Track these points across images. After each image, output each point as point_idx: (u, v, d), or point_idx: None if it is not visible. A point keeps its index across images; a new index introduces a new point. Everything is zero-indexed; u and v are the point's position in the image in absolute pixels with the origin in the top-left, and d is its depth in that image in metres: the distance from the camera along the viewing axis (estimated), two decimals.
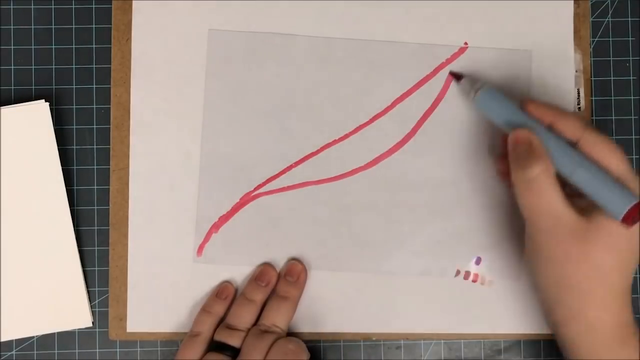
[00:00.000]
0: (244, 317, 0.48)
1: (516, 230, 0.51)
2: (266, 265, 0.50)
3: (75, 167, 0.52)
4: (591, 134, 0.42)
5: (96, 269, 0.51)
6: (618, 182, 0.41)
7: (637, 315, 0.52)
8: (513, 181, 0.43)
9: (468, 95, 0.49)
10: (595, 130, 0.43)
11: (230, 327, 0.48)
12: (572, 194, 0.43)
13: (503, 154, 0.46)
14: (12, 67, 0.52)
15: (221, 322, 0.49)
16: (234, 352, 0.47)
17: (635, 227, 0.41)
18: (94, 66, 0.52)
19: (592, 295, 0.42)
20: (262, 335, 0.47)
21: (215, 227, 0.51)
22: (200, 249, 0.51)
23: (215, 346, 0.48)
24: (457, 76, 0.50)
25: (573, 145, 0.43)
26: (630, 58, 0.53)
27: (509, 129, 0.45)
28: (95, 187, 0.52)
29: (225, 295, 0.50)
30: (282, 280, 0.50)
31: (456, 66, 0.51)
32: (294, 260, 0.50)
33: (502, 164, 0.47)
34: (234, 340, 0.47)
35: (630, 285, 0.43)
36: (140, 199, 0.51)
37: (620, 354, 0.42)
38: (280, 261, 0.51)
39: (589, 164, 0.42)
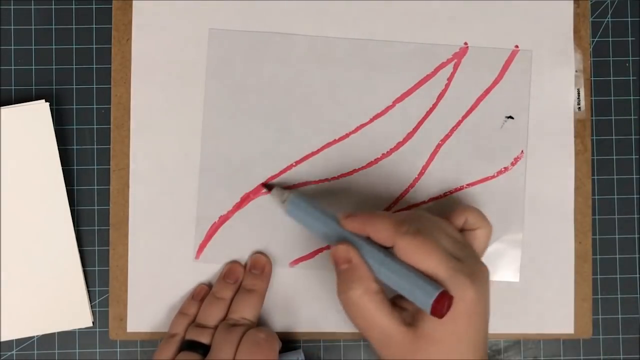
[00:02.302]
0: (213, 314, 0.48)
1: (515, 231, 0.51)
2: (234, 263, 0.51)
3: (75, 167, 0.52)
4: (403, 238, 0.41)
5: (96, 269, 0.51)
6: (422, 276, 0.41)
7: (637, 315, 0.52)
8: (338, 297, 0.43)
9: (280, 206, 0.49)
10: (407, 233, 0.42)
11: (200, 326, 0.48)
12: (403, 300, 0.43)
13: None
14: (12, 67, 0.52)
15: None
16: (206, 349, 0.47)
17: (458, 325, 0.41)
18: (94, 66, 0.52)
19: None
20: (231, 328, 0.47)
21: (215, 226, 0.51)
22: (200, 248, 0.51)
23: (187, 345, 0.48)
24: (268, 187, 0.50)
25: (389, 249, 0.43)
26: (630, 58, 0.53)
27: (321, 238, 0.46)
28: (95, 187, 0.52)
29: (201, 297, 0.50)
30: (247, 274, 0.50)
31: (459, 67, 0.51)
32: (258, 253, 0.51)
33: None
34: (204, 338, 0.47)
35: None
36: (140, 199, 0.51)
37: None
38: (280, 261, 0.51)
39: (391, 261, 0.42)
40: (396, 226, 0.42)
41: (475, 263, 0.43)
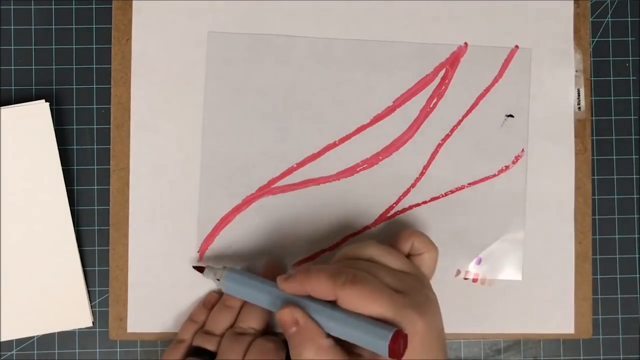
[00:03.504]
0: (221, 322, 0.48)
1: (516, 230, 0.51)
2: None
3: (75, 167, 0.52)
4: (342, 290, 0.41)
5: (96, 269, 0.51)
6: (372, 321, 0.40)
7: (637, 315, 0.52)
8: None
9: (215, 284, 0.48)
10: (345, 283, 0.41)
11: (208, 332, 0.48)
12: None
13: None
14: (12, 67, 0.52)
15: None
16: (212, 356, 0.47)
17: (417, 358, 0.40)
18: (94, 66, 0.52)
19: None
20: (239, 337, 0.47)
21: (217, 228, 0.51)
22: (202, 250, 0.51)
23: (193, 351, 0.48)
24: (199, 269, 0.49)
25: (334, 303, 0.42)
26: (630, 58, 0.53)
27: (265, 306, 0.45)
28: (95, 187, 0.52)
29: (211, 305, 0.50)
30: None
31: (459, 66, 0.51)
32: (271, 260, 0.51)
33: None
34: (210, 345, 0.47)
35: None
36: (140, 199, 0.51)
37: None
38: (281, 262, 0.51)
39: (338, 314, 0.41)
40: (333, 279, 0.41)
41: (421, 291, 0.43)
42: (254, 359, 0.46)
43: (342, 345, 0.42)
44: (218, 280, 0.47)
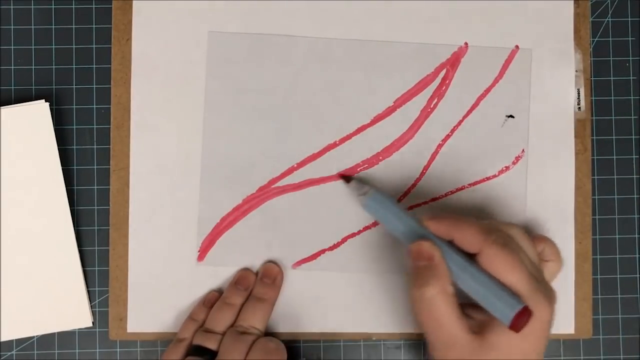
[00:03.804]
0: (222, 320, 0.48)
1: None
2: (246, 270, 0.51)
3: (75, 167, 0.52)
4: (491, 247, 0.41)
5: (96, 269, 0.51)
6: (505, 288, 0.41)
7: (637, 315, 0.52)
8: (409, 294, 0.42)
9: (357, 198, 0.49)
10: (495, 242, 0.41)
11: (208, 331, 0.48)
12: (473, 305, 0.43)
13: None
14: (12, 67, 0.52)
15: None
16: (213, 355, 0.47)
17: (527, 342, 0.41)
18: (94, 66, 0.52)
19: None
20: (241, 336, 0.47)
21: (217, 228, 0.51)
22: (202, 250, 0.51)
23: (194, 350, 0.48)
24: (346, 179, 0.50)
25: (473, 256, 0.42)
26: (630, 58, 0.53)
27: (398, 235, 0.45)
28: (95, 187, 0.52)
29: (211, 304, 0.50)
30: (258, 282, 0.50)
31: (459, 67, 0.51)
32: (271, 263, 0.51)
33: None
34: (211, 343, 0.47)
35: None
36: (140, 199, 0.51)
37: None
38: (282, 262, 0.51)
39: (474, 269, 0.42)
40: (485, 234, 0.42)
41: (549, 285, 0.43)
42: (257, 359, 0.46)
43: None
44: (362, 196, 0.47)
